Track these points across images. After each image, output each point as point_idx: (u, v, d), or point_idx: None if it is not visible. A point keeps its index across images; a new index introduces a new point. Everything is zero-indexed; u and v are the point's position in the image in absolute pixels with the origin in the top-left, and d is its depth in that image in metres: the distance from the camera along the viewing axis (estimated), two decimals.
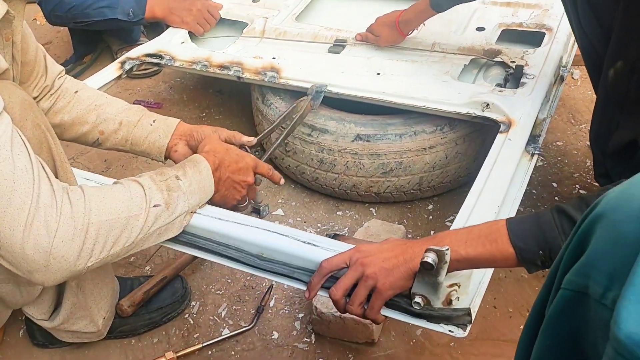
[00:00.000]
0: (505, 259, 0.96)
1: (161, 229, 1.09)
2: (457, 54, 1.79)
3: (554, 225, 0.93)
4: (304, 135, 1.72)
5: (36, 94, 1.32)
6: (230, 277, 1.64)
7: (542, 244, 0.93)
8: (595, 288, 0.58)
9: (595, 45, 1.41)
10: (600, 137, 1.42)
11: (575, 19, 1.44)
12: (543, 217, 0.95)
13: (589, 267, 0.60)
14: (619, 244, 0.57)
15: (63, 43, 2.83)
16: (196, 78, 2.45)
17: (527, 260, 0.94)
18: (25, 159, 0.95)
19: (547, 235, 0.92)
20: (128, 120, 1.37)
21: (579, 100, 2.15)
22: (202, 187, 1.18)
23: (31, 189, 0.93)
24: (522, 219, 0.97)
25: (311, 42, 1.93)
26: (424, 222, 1.75)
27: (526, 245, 0.94)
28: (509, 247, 0.95)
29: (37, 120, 1.10)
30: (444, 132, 1.65)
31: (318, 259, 1.10)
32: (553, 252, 0.92)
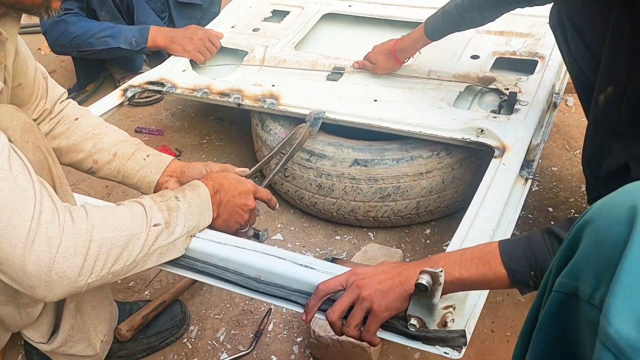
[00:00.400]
0: (499, 280, 0.98)
1: (162, 248, 1.10)
2: (453, 81, 1.82)
3: (544, 246, 0.95)
4: (303, 161, 1.75)
5: (35, 116, 1.34)
6: (229, 301, 1.65)
7: (534, 265, 0.95)
8: (584, 289, 0.62)
9: (586, 72, 1.44)
10: (592, 161, 1.44)
11: (565, 48, 1.48)
12: (534, 238, 0.97)
13: (577, 269, 0.63)
14: (604, 246, 0.61)
15: (66, 72, 2.88)
16: (197, 105, 2.49)
17: (519, 281, 0.96)
18: (25, 177, 0.96)
19: (538, 257, 0.94)
20: (122, 153, 1.39)
21: (573, 126, 2.18)
22: (201, 209, 1.19)
23: (32, 206, 0.94)
24: (513, 241, 0.99)
25: (310, 69, 1.97)
26: (421, 246, 1.77)
27: (518, 266, 0.96)
28: (502, 268, 0.96)
29: (37, 143, 1.12)
30: (440, 157, 1.68)
31: (315, 281, 1.11)
32: (544, 272, 0.94)
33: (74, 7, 2.26)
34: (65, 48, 2.32)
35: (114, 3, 2.39)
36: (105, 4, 2.35)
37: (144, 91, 2.00)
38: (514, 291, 1.57)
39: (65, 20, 2.24)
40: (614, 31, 1.30)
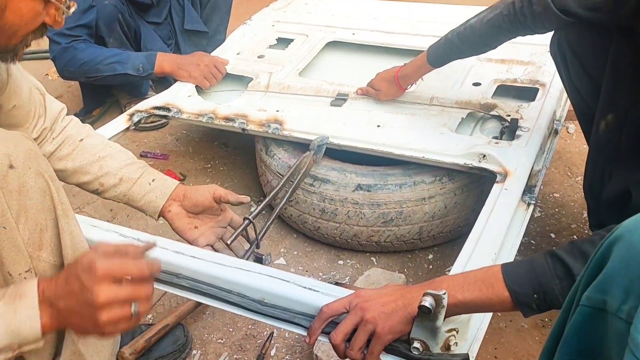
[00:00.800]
0: (502, 303, 0.98)
1: None
2: (455, 108, 1.85)
3: (547, 269, 0.96)
4: (306, 185, 1.76)
5: (36, 135, 1.35)
6: (232, 325, 1.65)
7: (537, 288, 0.96)
8: (612, 302, 0.64)
9: (586, 99, 1.46)
10: (594, 188, 1.46)
11: (566, 75, 1.50)
12: (537, 261, 0.98)
13: (606, 283, 0.66)
14: (635, 261, 0.63)
15: (73, 97, 2.91)
16: (202, 130, 2.52)
17: (522, 304, 0.97)
18: None
19: (541, 279, 0.95)
20: (128, 177, 1.42)
21: (574, 153, 2.20)
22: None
23: None
24: (516, 264, 1.00)
25: (314, 95, 2.00)
26: (424, 271, 1.77)
27: (521, 288, 0.96)
28: (505, 290, 0.97)
29: (40, 170, 1.13)
30: (442, 182, 1.69)
31: (318, 304, 1.11)
32: (547, 295, 0.95)
33: (82, 34, 2.30)
34: (74, 74, 2.35)
35: (122, 30, 2.43)
36: (113, 31, 2.40)
37: (150, 116, 2.03)
38: (517, 318, 1.58)
39: (74, 46, 2.28)
40: (614, 59, 1.32)
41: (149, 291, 0.95)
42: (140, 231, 1.40)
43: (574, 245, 0.98)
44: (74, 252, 1.18)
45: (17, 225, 1.09)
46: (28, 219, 1.10)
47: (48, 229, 1.14)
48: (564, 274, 0.96)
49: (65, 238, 1.17)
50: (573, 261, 0.95)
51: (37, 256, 1.14)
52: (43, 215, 1.13)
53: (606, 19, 1.31)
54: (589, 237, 0.99)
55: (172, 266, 1.28)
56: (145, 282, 0.95)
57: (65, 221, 1.16)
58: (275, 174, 1.86)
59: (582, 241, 0.98)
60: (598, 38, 1.36)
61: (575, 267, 0.95)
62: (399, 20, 2.43)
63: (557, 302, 0.96)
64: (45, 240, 1.14)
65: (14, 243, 1.09)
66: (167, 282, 1.29)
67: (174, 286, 1.28)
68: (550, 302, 0.96)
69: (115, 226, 1.41)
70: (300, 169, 1.69)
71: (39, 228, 1.12)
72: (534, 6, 1.40)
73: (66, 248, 1.17)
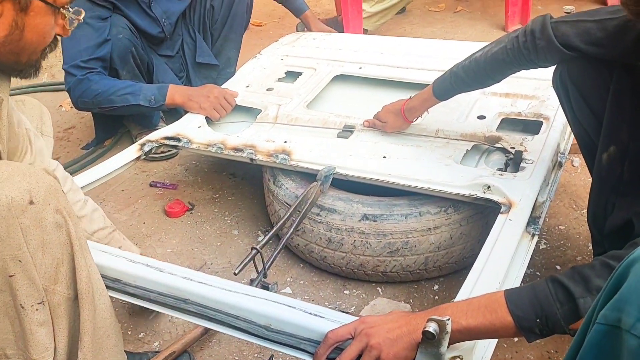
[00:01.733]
0: (505, 328, 1.00)
1: None
2: (460, 140, 1.88)
3: (549, 293, 0.98)
4: (313, 215, 1.78)
5: None
6: (238, 354, 1.65)
7: (539, 312, 0.97)
8: (626, 320, 0.67)
9: (589, 132, 1.49)
10: (597, 218, 1.47)
11: (569, 108, 1.53)
12: (538, 286, 1.00)
13: (622, 302, 0.69)
14: None
15: (86, 127, 2.97)
16: (211, 161, 2.56)
17: (525, 329, 0.98)
18: None
19: (543, 304, 0.97)
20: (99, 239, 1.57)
21: (579, 186, 2.22)
22: None
23: None
24: (519, 290, 1.03)
25: (321, 127, 2.04)
26: (430, 302, 1.78)
27: (524, 313, 0.98)
28: (508, 315, 0.99)
29: (59, 206, 1.15)
30: (448, 213, 1.71)
31: (324, 330, 1.13)
32: (549, 319, 0.97)
33: (97, 66, 2.36)
34: (88, 104, 2.41)
35: (135, 63, 2.50)
36: (127, 63, 2.46)
37: (161, 146, 2.07)
38: (523, 349, 1.58)
39: (88, 78, 2.34)
40: (615, 92, 1.35)
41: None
42: (148, 257, 1.42)
43: (575, 270, 1.00)
44: (88, 286, 1.21)
45: (34, 259, 1.12)
46: (45, 253, 1.13)
47: (64, 264, 1.17)
48: (565, 299, 0.97)
49: (81, 273, 1.20)
50: (574, 286, 0.97)
51: (52, 289, 1.17)
52: (60, 250, 1.16)
53: (607, 54, 1.34)
54: (589, 262, 1.01)
55: (180, 292, 1.30)
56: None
57: (81, 256, 1.19)
58: (283, 203, 1.89)
59: (583, 266, 1.00)
60: (599, 72, 1.39)
61: (576, 291, 0.97)
62: (404, 55, 2.48)
63: (559, 327, 0.97)
64: (60, 274, 1.17)
65: (29, 276, 1.12)
66: (174, 307, 1.31)
67: (182, 311, 1.30)
68: (553, 327, 0.98)
69: (124, 252, 1.44)
70: (307, 199, 1.71)
71: (55, 262, 1.16)
72: (537, 40, 1.43)
73: (81, 282, 1.20)
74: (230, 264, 1.98)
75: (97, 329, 1.25)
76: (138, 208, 2.30)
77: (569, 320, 0.97)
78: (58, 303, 1.19)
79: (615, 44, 1.31)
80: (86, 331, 1.22)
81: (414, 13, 4.21)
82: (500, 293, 1.02)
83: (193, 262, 2.00)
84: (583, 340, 0.75)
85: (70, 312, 1.22)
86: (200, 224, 2.19)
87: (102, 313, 1.26)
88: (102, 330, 1.27)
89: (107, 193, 2.39)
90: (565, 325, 0.97)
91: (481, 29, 3.80)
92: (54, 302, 1.18)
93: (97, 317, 1.25)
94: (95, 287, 1.25)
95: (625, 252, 0.98)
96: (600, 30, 1.33)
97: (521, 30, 1.49)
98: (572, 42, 1.38)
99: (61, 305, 1.20)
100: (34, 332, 1.16)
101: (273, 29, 4.16)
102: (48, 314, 1.18)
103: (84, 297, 1.21)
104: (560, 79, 1.51)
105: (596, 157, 1.44)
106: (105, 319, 1.28)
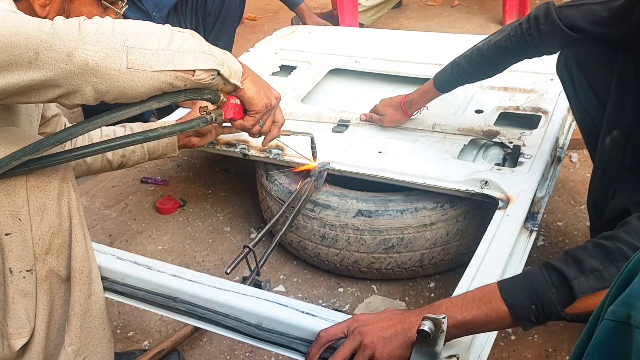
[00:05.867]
0: (501, 319, 0.97)
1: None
2: (457, 135, 1.84)
3: (542, 279, 0.96)
4: (307, 211, 1.74)
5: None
6: (229, 353, 1.61)
7: (534, 298, 0.95)
8: (637, 316, 0.65)
9: (592, 116, 1.47)
10: (598, 204, 1.46)
11: (572, 93, 1.51)
12: (532, 273, 0.98)
13: (632, 297, 0.67)
14: None
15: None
16: (203, 157, 2.52)
17: (521, 317, 0.96)
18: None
19: (537, 290, 0.95)
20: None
21: (578, 182, 2.19)
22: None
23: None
24: (512, 278, 1.01)
25: (316, 121, 2.00)
26: (425, 299, 1.74)
27: (518, 301, 0.96)
28: (502, 305, 0.97)
29: (67, 176, 1.16)
30: (444, 209, 1.68)
31: (316, 328, 1.09)
32: (545, 305, 0.95)
33: None
34: None
35: None
36: None
37: None
38: (520, 347, 1.55)
39: None
40: (619, 75, 1.34)
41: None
42: (138, 255, 1.38)
43: (567, 253, 0.98)
44: (84, 265, 1.17)
45: (32, 221, 1.11)
46: (44, 218, 1.12)
47: (59, 235, 1.15)
48: (560, 282, 0.95)
49: (77, 249, 1.17)
50: (567, 268, 0.95)
51: (42, 259, 1.15)
52: (58, 220, 1.14)
53: (613, 34, 1.33)
54: (581, 245, 0.98)
55: (169, 289, 1.26)
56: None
57: (80, 231, 1.17)
58: (276, 199, 1.85)
59: (575, 249, 0.98)
60: (604, 54, 1.38)
61: (570, 273, 0.94)
62: (401, 48, 2.44)
63: (555, 311, 0.95)
64: (54, 245, 1.15)
65: (24, 237, 1.11)
66: (163, 306, 1.27)
67: (171, 310, 1.26)
68: (548, 313, 0.95)
69: (113, 249, 1.39)
70: (301, 196, 1.68)
71: (51, 231, 1.14)
72: (541, 26, 1.41)
73: (76, 259, 1.17)
74: (222, 261, 1.94)
75: (89, 316, 1.21)
76: (129, 204, 2.26)
77: (564, 303, 0.95)
78: (45, 276, 1.16)
79: (621, 23, 1.30)
80: (75, 313, 1.18)
81: (410, 7, 4.18)
82: (493, 284, 1.00)
83: (184, 260, 1.96)
84: (591, 337, 0.72)
85: (55, 291, 1.18)
86: (191, 221, 2.15)
87: (97, 302, 1.23)
88: (96, 320, 1.23)
89: (98, 189, 2.35)
90: (560, 310, 0.95)
91: (478, 23, 3.76)
92: (41, 274, 1.15)
93: (91, 304, 1.21)
94: (93, 270, 1.21)
95: (616, 232, 0.96)
96: (605, 11, 1.33)
97: (524, 18, 1.48)
98: (577, 23, 1.37)
99: (48, 279, 1.16)
100: (15, 302, 1.13)
101: (268, 23, 4.12)
102: (33, 287, 1.15)
103: (76, 276, 1.18)
104: (565, 63, 1.48)
105: (599, 142, 1.41)
106: (100, 309, 1.24)
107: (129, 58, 1.00)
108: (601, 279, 0.93)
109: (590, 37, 1.38)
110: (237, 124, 1.32)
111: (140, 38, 1.02)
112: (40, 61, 0.97)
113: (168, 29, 1.08)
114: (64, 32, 0.97)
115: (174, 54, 1.05)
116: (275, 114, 1.37)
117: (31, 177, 1.10)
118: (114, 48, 0.99)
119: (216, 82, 1.13)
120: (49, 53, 0.96)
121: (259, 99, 1.26)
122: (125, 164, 1.62)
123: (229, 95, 1.22)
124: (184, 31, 1.11)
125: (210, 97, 1.16)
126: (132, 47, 1.01)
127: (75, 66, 0.97)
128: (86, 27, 0.99)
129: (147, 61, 1.02)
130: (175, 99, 1.10)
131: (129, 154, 1.60)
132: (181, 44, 1.06)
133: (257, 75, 1.28)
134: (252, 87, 1.24)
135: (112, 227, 2.13)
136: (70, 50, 0.96)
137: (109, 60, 0.99)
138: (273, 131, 1.42)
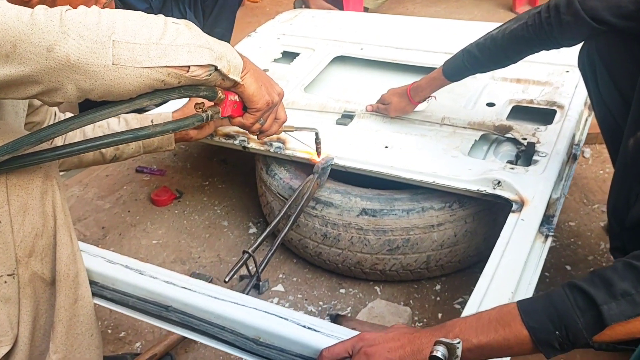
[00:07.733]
0: (520, 344, 0.89)
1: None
2: (467, 129, 1.75)
3: (567, 302, 0.87)
4: (308, 208, 1.66)
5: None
6: (225, 357, 1.54)
7: (557, 323, 0.87)
8: None
9: (615, 114, 1.39)
10: (618, 209, 1.36)
11: (594, 89, 1.42)
12: (555, 294, 0.90)
13: None
14: None
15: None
16: (200, 147, 2.43)
17: (542, 342, 0.88)
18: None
19: (561, 312, 0.87)
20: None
21: (591, 179, 2.10)
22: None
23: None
24: (533, 299, 0.93)
25: (319, 112, 1.90)
26: (431, 303, 1.66)
27: (540, 324, 0.88)
28: (522, 328, 0.89)
29: (50, 173, 1.08)
30: (453, 209, 1.59)
31: (319, 345, 1.02)
32: (570, 330, 0.86)
33: None
34: None
35: None
36: None
37: None
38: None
39: None
40: None
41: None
42: (129, 257, 1.30)
43: (595, 273, 0.89)
44: (69, 268, 1.10)
45: (13, 223, 1.03)
46: (26, 219, 1.05)
47: (43, 237, 1.08)
48: (586, 306, 0.86)
49: (63, 251, 1.10)
50: (595, 291, 0.86)
51: (25, 262, 1.08)
52: (41, 220, 1.07)
53: (639, 28, 1.24)
54: (610, 265, 0.90)
55: (161, 297, 1.18)
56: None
57: (65, 232, 1.10)
58: (276, 195, 1.76)
59: (604, 269, 0.89)
60: (630, 49, 1.29)
61: (598, 296, 0.85)
62: (409, 35, 2.34)
63: (581, 339, 0.86)
64: (37, 247, 1.07)
65: (4, 240, 1.03)
66: (155, 315, 1.19)
67: (163, 319, 1.19)
68: (574, 339, 0.87)
69: (103, 251, 1.31)
70: (303, 194, 1.59)
71: (34, 233, 1.06)
72: (563, 16, 1.32)
73: (61, 262, 1.10)
74: (218, 257, 1.86)
75: (75, 322, 1.14)
76: (123, 195, 2.18)
77: (593, 330, 0.86)
78: (29, 280, 1.08)
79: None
80: (60, 320, 1.11)
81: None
82: (512, 304, 0.92)
83: (179, 256, 1.88)
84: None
85: (40, 296, 1.11)
86: (188, 214, 2.06)
87: (84, 307, 1.15)
88: (83, 326, 1.15)
89: (91, 178, 2.26)
90: (588, 337, 0.86)
91: (487, 9, 3.65)
92: (24, 277, 1.08)
93: (77, 309, 1.14)
94: (80, 273, 1.13)
95: None
96: (632, 3, 1.23)
97: (544, 6, 1.38)
98: (601, 15, 1.28)
99: (31, 283, 1.09)
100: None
101: (269, 5, 4.00)
102: (16, 292, 1.07)
103: (62, 280, 1.10)
104: (588, 57, 1.39)
105: (622, 143, 1.32)
106: (88, 314, 1.16)
107: (116, 53, 0.91)
108: (634, 305, 0.84)
109: (614, 30, 1.29)
110: (236, 122, 1.23)
111: (129, 31, 0.93)
112: (18, 55, 0.88)
113: (161, 20, 0.98)
114: (43, 24, 0.88)
115: (166, 49, 0.95)
116: (277, 111, 1.28)
117: (11, 175, 1.02)
118: (99, 42, 0.90)
119: (213, 78, 1.04)
120: (27, 47, 0.87)
121: (260, 96, 1.17)
122: (118, 157, 1.54)
123: (228, 91, 1.13)
124: (179, 22, 1.01)
125: (207, 94, 1.07)
126: (120, 41, 0.91)
127: (56, 62, 0.88)
128: (69, 18, 0.89)
129: (136, 57, 0.92)
130: (168, 96, 1.00)
131: (122, 147, 1.52)
132: (175, 37, 0.97)
133: (259, 70, 1.19)
134: (253, 83, 1.15)
135: (105, 219, 2.05)
136: (49, 45, 0.87)
137: (93, 55, 0.89)
138: (273, 128, 1.32)
